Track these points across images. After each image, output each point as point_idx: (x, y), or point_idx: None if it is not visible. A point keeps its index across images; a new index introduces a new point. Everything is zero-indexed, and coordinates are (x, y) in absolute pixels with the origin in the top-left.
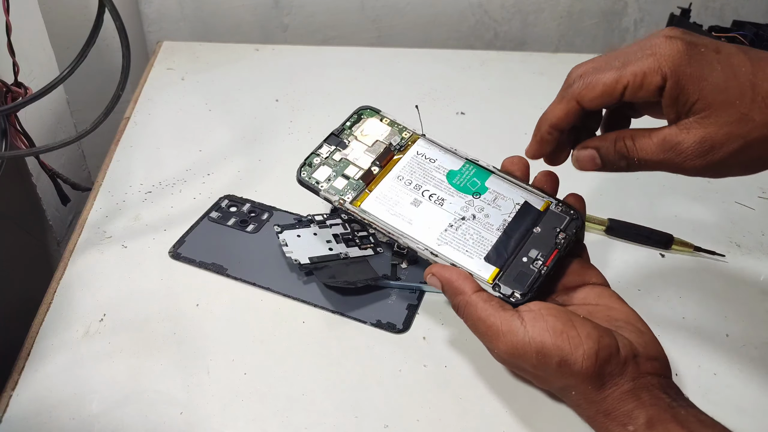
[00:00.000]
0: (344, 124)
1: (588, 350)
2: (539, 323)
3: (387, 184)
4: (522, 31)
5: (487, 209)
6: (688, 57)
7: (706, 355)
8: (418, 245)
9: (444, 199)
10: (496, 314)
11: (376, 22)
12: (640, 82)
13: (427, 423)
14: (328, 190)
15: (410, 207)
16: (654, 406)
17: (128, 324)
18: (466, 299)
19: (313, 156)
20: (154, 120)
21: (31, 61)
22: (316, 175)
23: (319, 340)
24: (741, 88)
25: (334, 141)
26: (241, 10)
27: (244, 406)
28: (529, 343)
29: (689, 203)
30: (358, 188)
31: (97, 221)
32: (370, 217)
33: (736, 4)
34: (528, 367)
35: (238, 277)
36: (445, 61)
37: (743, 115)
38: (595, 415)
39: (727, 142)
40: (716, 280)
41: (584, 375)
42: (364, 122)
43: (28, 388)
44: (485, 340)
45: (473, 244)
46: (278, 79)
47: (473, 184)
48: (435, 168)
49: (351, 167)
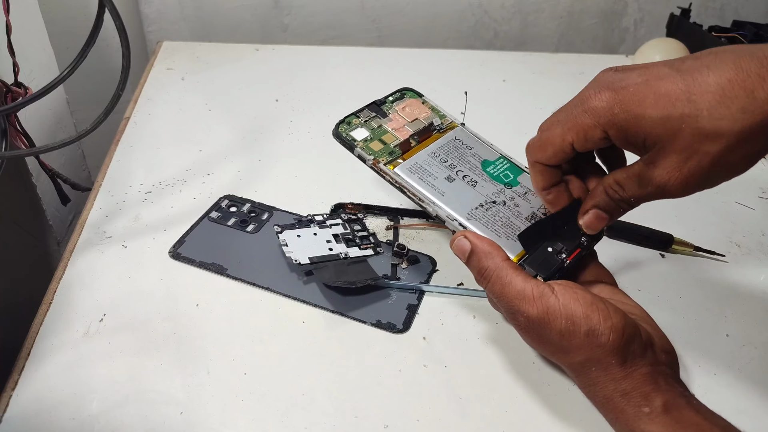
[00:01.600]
0: (386, 98)
1: (616, 324)
2: (570, 293)
3: (422, 157)
4: (522, 31)
5: (518, 200)
6: (618, 104)
7: (706, 355)
8: (448, 214)
9: (477, 182)
10: (527, 281)
11: (376, 22)
12: (584, 138)
13: (427, 423)
14: (364, 149)
15: (443, 181)
16: (669, 392)
17: (128, 324)
18: (497, 263)
19: (352, 116)
20: (154, 120)
21: (31, 61)
22: (354, 134)
23: (319, 340)
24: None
25: (375, 109)
26: (241, 10)
27: (244, 406)
28: (559, 310)
29: (689, 203)
30: (395, 155)
31: (97, 221)
32: (402, 181)
33: (736, 4)
34: (554, 335)
35: (238, 277)
36: (445, 61)
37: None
38: (612, 393)
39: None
40: (716, 280)
41: (610, 347)
42: (406, 100)
43: (28, 388)
44: (513, 305)
45: (501, 226)
46: (278, 79)
47: (506, 176)
48: (471, 154)
49: (389, 135)
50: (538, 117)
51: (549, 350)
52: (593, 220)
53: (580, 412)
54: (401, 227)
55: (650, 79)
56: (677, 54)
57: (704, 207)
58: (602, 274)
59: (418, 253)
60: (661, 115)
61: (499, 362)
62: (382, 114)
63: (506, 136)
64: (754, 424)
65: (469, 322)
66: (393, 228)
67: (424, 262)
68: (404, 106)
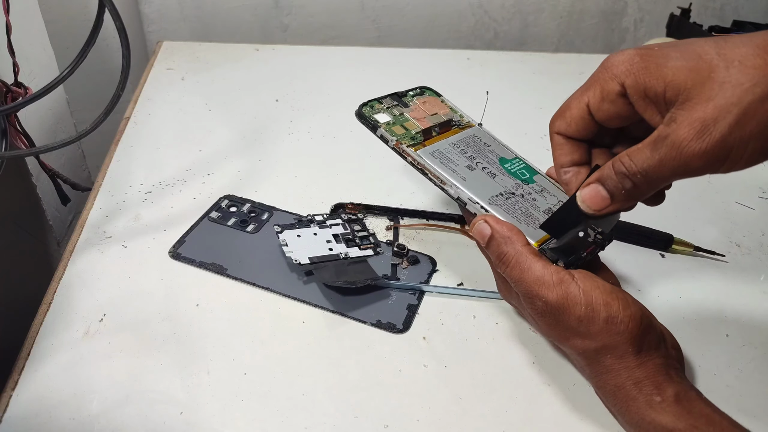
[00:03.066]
0: (407, 91)
1: (635, 313)
2: (590, 280)
3: (443, 145)
4: (522, 31)
5: (535, 195)
6: (638, 57)
7: (706, 355)
8: (471, 198)
9: (495, 174)
10: (546, 266)
11: (376, 22)
12: (600, 95)
13: (427, 423)
14: (387, 130)
15: (464, 168)
16: (681, 384)
17: (128, 324)
18: (516, 248)
19: (375, 101)
20: (154, 120)
21: (31, 61)
22: (377, 117)
23: (319, 340)
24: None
25: (396, 99)
26: (241, 10)
27: (244, 406)
28: (579, 296)
29: (689, 203)
30: (417, 140)
31: (97, 221)
32: (424, 163)
33: (736, 4)
34: (572, 321)
35: (238, 277)
36: (445, 61)
37: (725, 83)
38: (624, 381)
39: (721, 116)
40: (716, 280)
41: (629, 335)
42: (426, 97)
43: (28, 388)
44: (532, 290)
45: (522, 214)
46: (278, 79)
47: (522, 174)
48: (489, 150)
49: (411, 123)
50: (538, 117)
51: (564, 336)
52: (591, 195)
53: (580, 412)
54: (401, 227)
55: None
56: None
57: (704, 207)
58: (606, 276)
59: (418, 253)
60: (687, 65)
61: (499, 362)
62: (403, 104)
63: (506, 137)
64: (754, 424)
65: (469, 322)
66: (393, 228)
67: (424, 262)
68: (424, 101)
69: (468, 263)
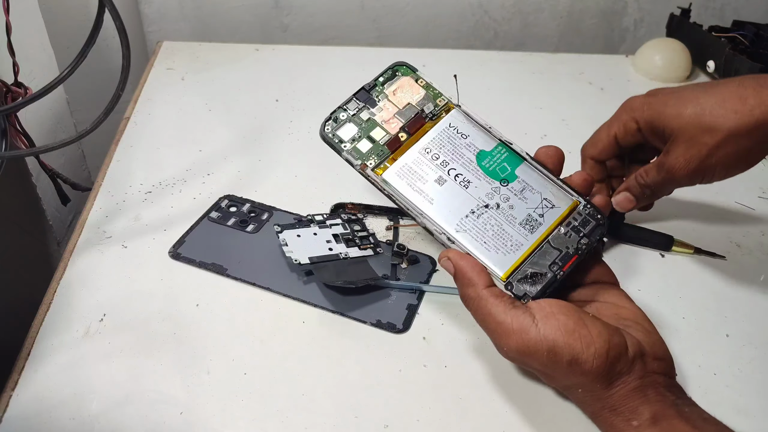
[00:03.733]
0: (377, 79)
1: (599, 349)
2: (551, 322)
3: (413, 156)
4: (522, 31)
5: (513, 200)
6: (648, 103)
7: (706, 355)
8: (436, 228)
9: (470, 181)
10: (507, 312)
11: (376, 22)
12: (623, 130)
13: (427, 423)
14: (351, 152)
15: (434, 185)
16: (659, 403)
17: (128, 324)
18: (477, 292)
19: (340, 111)
20: (154, 120)
21: (31, 61)
22: (341, 133)
23: (319, 340)
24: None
25: (364, 97)
26: (241, 10)
27: (244, 406)
28: (540, 342)
29: (689, 204)
30: (383, 155)
31: (97, 221)
32: (390, 189)
33: (736, 4)
34: (537, 366)
35: (238, 277)
36: (445, 61)
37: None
38: (600, 410)
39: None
40: (716, 281)
41: (594, 374)
42: (398, 80)
43: (28, 388)
44: (494, 336)
45: (492, 236)
46: (278, 79)
47: (503, 170)
48: (466, 145)
49: (378, 130)
50: (538, 117)
51: (535, 374)
52: (623, 200)
53: (580, 413)
54: (401, 227)
55: (676, 90)
56: (677, 54)
57: (704, 207)
58: (604, 273)
59: (418, 253)
60: (677, 112)
61: (499, 362)
62: (371, 103)
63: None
64: (754, 424)
65: (469, 322)
66: (393, 228)
67: (424, 262)
68: (395, 89)
69: None
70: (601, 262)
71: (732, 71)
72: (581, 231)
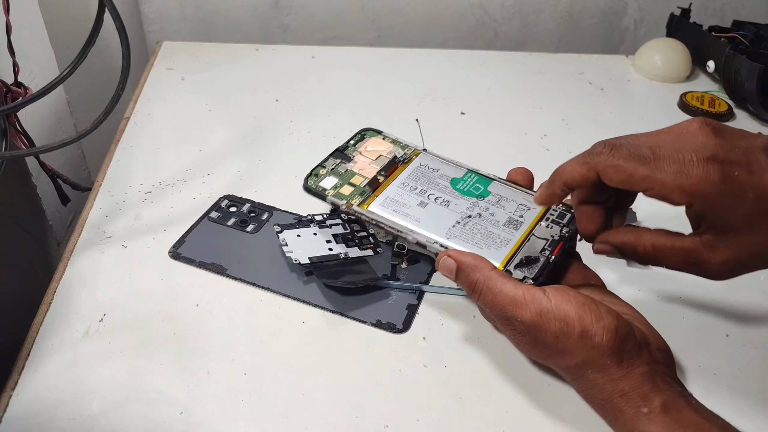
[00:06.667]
0: (348, 142)
1: (609, 324)
2: (561, 294)
3: (393, 190)
4: (522, 31)
5: (492, 209)
6: (719, 189)
7: (706, 355)
8: (428, 239)
9: (449, 201)
10: (518, 286)
11: (376, 22)
12: (665, 195)
13: (427, 423)
14: (335, 195)
15: (417, 208)
16: (668, 392)
17: (128, 324)
18: (485, 273)
19: (319, 168)
20: (154, 120)
21: (31, 61)
22: (323, 184)
23: (319, 340)
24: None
25: (339, 156)
26: (241, 10)
27: (244, 406)
28: (552, 311)
29: None
30: (365, 194)
31: (97, 221)
32: (378, 217)
33: (736, 4)
34: (549, 338)
35: (238, 277)
36: (445, 61)
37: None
38: (611, 394)
39: (752, 261)
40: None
41: (605, 347)
42: (367, 140)
43: (28, 388)
44: (507, 311)
45: (481, 237)
46: (278, 79)
47: (476, 189)
48: (439, 176)
49: (357, 176)
50: (538, 117)
51: (545, 354)
52: (604, 251)
53: (580, 413)
54: None
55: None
56: (677, 54)
57: None
58: (589, 276)
59: (418, 253)
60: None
61: (500, 362)
62: (346, 159)
63: (507, 137)
64: (754, 424)
65: (469, 322)
66: None
67: (424, 262)
68: (366, 145)
69: None
70: (583, 266)
71: (732, 71)
72: (560, 222)
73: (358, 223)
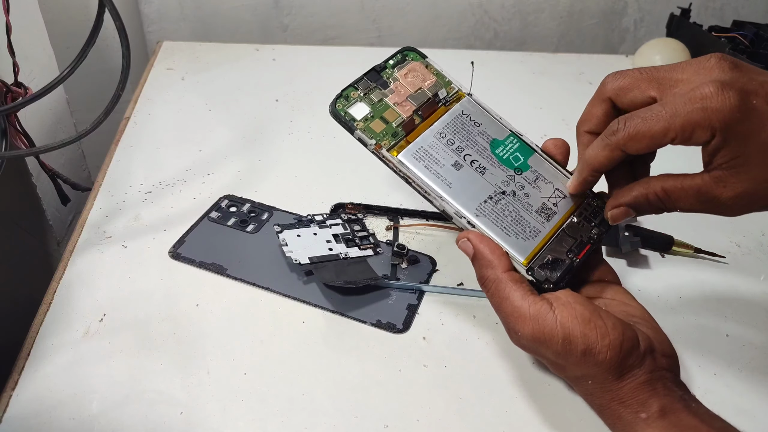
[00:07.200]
0: (386, 62)
1: (613, 341)
2: (568, 311)
3: (428, 139)
4: (522, 31)
5: (528, 188)
6: (739, 114)
7: (706, 355)
8: (456, 211)
9: (486, 168)
10: (525, 297)
11: (376, 22)
12: (689, 136)
13: (427, 423)
14: (364, 131)
15: (450, 168)
16: (667, 397)
17: (128, 324)
18: (497, 275)
19: (351, 89)
20: (154, 120)
21: (31, 61)
22: (352, 111)
23: (319, 340)
24: None
25: (375, 78)
26: (241, 10)
27: (244, 406)
28: (556, 330)
29: None
30: (398, 137)
31: (97, 221)
32: (407, 171)
33: (736, 4)
34: (550, 354)
35: (238, 277)
36: (445, 61)
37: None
38: (609, 402)
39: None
40: (716, 281)
41: (607, 365)
42: (408, 64)
43: (28, 388)
44: (509, 321)
45: (511, 222)
46: (278, 79)
47: (516, 159)
48: (479, 132)
49: (391, 111)
50: (538, 117)
51: (545, 363)
52: (620, 215)
53: (580, 413)
54: (401, 227)
55: None
56: (677, 54)
57: None
58: (606, 272)
59: (418, 253)
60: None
61: (499, 362)
62: (382, 84)
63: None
64: (754, 424)
65: (469, 322)
66: (393, 228)
67: (424, 262)
68: (406, 72)
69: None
70: (603, 261)
71: None
72: (592, 221)
73: (359, 223)
